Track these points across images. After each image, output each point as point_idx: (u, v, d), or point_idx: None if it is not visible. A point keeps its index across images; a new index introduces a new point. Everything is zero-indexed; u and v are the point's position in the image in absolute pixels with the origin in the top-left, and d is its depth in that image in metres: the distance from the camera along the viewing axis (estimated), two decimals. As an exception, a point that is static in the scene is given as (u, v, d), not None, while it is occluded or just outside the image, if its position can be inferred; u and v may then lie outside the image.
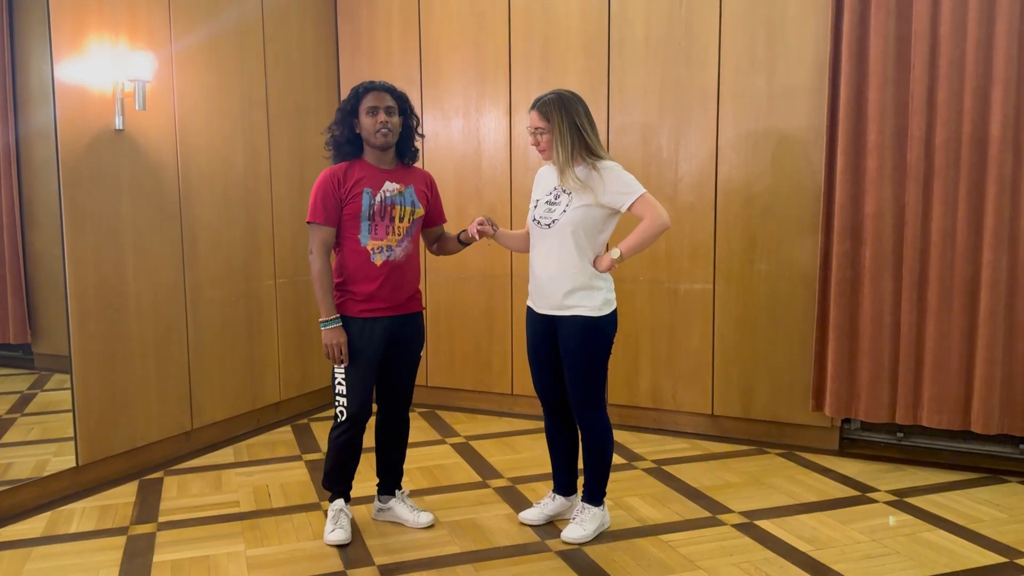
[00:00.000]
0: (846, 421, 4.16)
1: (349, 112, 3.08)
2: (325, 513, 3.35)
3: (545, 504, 3.29)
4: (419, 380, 5.04)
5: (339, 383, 3.08)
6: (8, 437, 3.65)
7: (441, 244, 3.36)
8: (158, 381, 3.98)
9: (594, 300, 3.00)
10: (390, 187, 3.08)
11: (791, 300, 4.10)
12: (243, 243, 4.44)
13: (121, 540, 3.16)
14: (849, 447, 4.12)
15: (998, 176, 3.58)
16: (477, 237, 3.14)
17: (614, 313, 3.07)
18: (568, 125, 2.96)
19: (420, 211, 3.15)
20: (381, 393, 3.24)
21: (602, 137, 4.40)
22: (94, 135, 3.64)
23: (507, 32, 4.63)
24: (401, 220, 3.09)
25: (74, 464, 3.62)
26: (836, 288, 3.90)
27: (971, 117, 3.61)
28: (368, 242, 3.05)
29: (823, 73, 3.90)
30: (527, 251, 3.21)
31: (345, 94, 5.06)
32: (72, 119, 3.54)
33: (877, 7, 3.73)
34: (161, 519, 3.36)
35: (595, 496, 3.17)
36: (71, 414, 3.60)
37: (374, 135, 3.04)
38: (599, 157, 2.99)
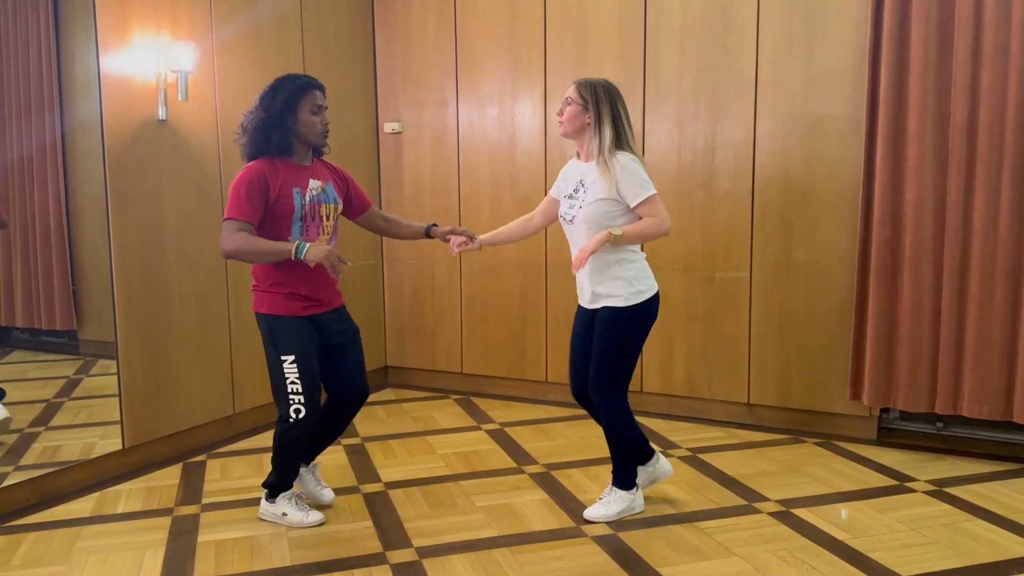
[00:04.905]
0: (884, 410, 4.12)
1: (290, 105, 2.92)
2: (268, 514, 3.22)
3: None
4: (454, 367, 5.14)
5: (293, 381, 2.96)
6: (56, 420, 3.75)
7: (392, 227, 3.30)
8: (201, 366, 4.07)
9: (622, 290, 3.01)
10: (314, 185, 3.01)
11: (828, 288, 4.06)
12: (282, 231, 4.51)
13: (167, 520, 3.24)
14: (887, 437, 4.09)
15: (1043, 162, 3.51)
16: (454, 253, 3.25)
17: (648, 303, 3.05)
18: (611, 113, 2.97)
19: (340, 206, 3.14)
20: (332, 379, 3.16)
21: (638, 124, 4.41)
22: (138, 125, 3.72)
23: (542, 19, 4.63)
24: (327, 218, 3.06)
25: (120, 447, 3.72)
26: (875, 276, 3.85)
27: (1016, 102, 3.53)
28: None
29: (863, 58, 3.85)
30: (525, 237, 3.37)
31: (382, 84, 5.18)
32: (117, 110, 3.62)
33: (919, -10, 3.67)
34: (205, 500, 3.44)
35: (620, 480, 3.20)
36: (117, 398, 3.69)
37: (318, 136, 2.99)
38: (622, 150, 2.98)
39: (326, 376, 3.17)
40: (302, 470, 3.29)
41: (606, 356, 3.06)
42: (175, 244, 3.91)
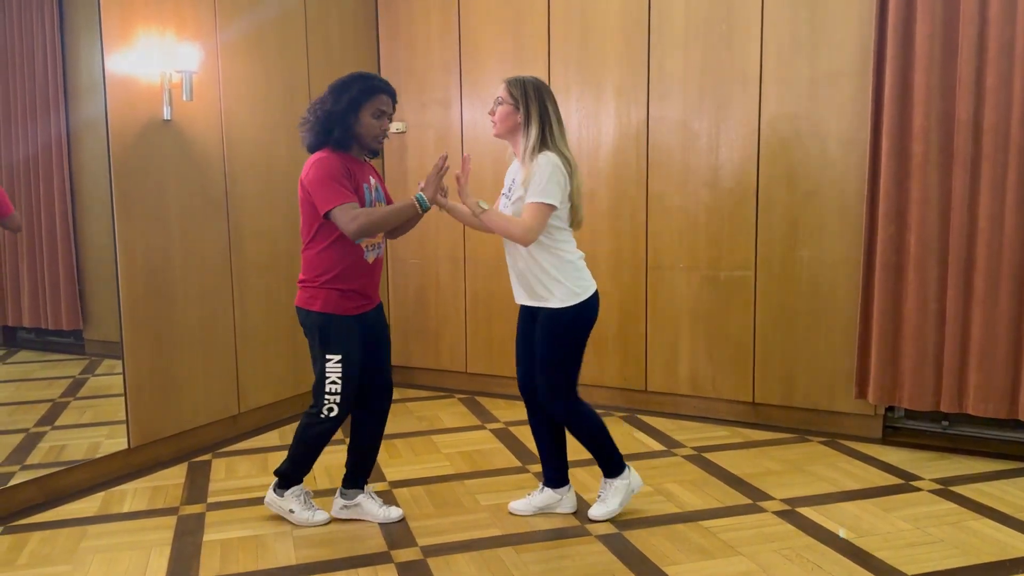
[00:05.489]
0: (889, 409, 4.11)
1: (355, 105, 2.91)
2: (274, 504, 3.20)
3: (533, 496, 3.27)
4: (458, 366, 5.15)
5: (334, 381, 2.97)
6: (62, 420, 3.77)
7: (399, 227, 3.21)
8: (205, 366, 4.08)
9: (556, 292, 2.97)
10: (372, 183, 3.05)
11: (833, 286, 4.05)
12: (286, 231, 4.51)
13: (172, 520, 3.25)
14: (892, 435, 4.08)
15: (1049, 160, 3.50)
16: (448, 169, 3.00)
17: (587, 303, 2.99)
18: (538, 112, 2.93)
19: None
20: (364, 374, 3.10)
21: (641, 122, 4.41)
22: (143, 125, 3.73)
23: (546, 18, 4.63)
24: None
25: (126, 446, 3.72)
26: (880, 274, 3.85)
27: (1021, 100, 3.52)
28: (363, 239, 2.98)
29: (867, 56, 3.84)
30: (476, 228, 3.16)
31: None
32: (122, 110, 3.63)
33: (924, -12, 3.67)
34: (210, 500, 3.45)
35: (608, 470, 3.18)
36: (122, 398, 3.70)
37: (374, 139, 2.97)
38: (548, 150, 2.92)
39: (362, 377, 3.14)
40: (360, 497, 3.20)
41: (551, 363, 3.03)
42: (180, 244, 3.92)
